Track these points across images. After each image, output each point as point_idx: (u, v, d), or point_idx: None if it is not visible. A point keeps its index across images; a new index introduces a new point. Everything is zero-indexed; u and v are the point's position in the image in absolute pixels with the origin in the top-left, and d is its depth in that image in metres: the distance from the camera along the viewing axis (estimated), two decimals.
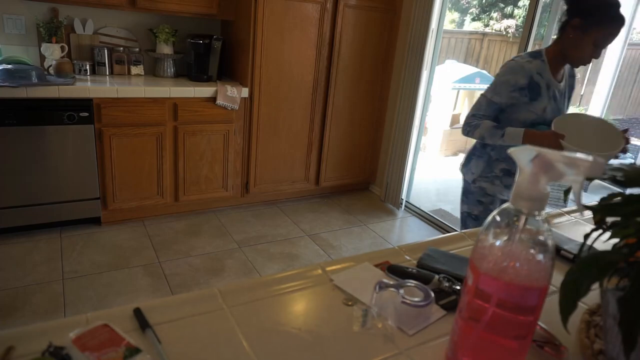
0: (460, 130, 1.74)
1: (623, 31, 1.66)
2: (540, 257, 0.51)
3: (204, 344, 0.62)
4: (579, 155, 0.48)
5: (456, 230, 1.12)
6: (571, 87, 1.77)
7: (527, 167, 0.50)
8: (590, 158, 0.47)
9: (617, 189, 0.58)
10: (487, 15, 5.28)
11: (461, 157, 5.63)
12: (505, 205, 0.53)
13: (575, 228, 1.13)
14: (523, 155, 0.50)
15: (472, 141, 1.81)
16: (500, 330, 0.53)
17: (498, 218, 0.53)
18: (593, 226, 0.57)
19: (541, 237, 0.50)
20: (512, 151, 0.50)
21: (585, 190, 3.88)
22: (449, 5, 3.32)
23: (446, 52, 5.58)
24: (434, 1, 2.95)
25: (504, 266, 0.51)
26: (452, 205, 3.69)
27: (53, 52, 2.67)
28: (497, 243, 0.52)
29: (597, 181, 0.57)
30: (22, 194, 2.51)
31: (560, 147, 1.42)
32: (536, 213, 0.50)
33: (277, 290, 0.75)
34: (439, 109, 5.29)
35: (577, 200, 0.50)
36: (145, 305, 0.67)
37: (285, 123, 3.18)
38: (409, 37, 3.14)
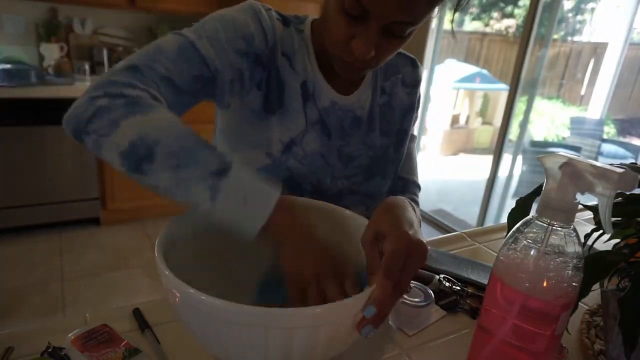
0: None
1: (623, 31, 1.56)
2: (566, 270, 0.48)
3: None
4: (608, 166, 0.44)
5: (456, 231, 1.12)
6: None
7: (555, 175, 0.47)
8: (620, 170, 0.42)
9: None
10: (487, 14, 5.27)
11: (462, 157, 5.63)
12: (530, 216, 0.50)
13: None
14: (551, 162, 0.47)
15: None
16: (519, 343, 0.51)
17: (523, 229, 0.50)
18: (593, 226, 0.56)
19: (569, 250, 0.47)
20: (540, 157, 0.47)
21: None
22: (449, 6, 3.30)
23: (446, 52, 5.58)
24: None
25: (527, 278, 0.48)
26: (453, 206, 3.69)
27: (52, 52, 2.67)
28: (521, 255, 0.49)
29: None
30: (22, 194, 2.51)
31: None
32: (563, 225, 0.47)
33: None
34: (439, 109, 5.29)
35: (604, 219, 0.45)
36: (145, 305, 0.67)
37: None
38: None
